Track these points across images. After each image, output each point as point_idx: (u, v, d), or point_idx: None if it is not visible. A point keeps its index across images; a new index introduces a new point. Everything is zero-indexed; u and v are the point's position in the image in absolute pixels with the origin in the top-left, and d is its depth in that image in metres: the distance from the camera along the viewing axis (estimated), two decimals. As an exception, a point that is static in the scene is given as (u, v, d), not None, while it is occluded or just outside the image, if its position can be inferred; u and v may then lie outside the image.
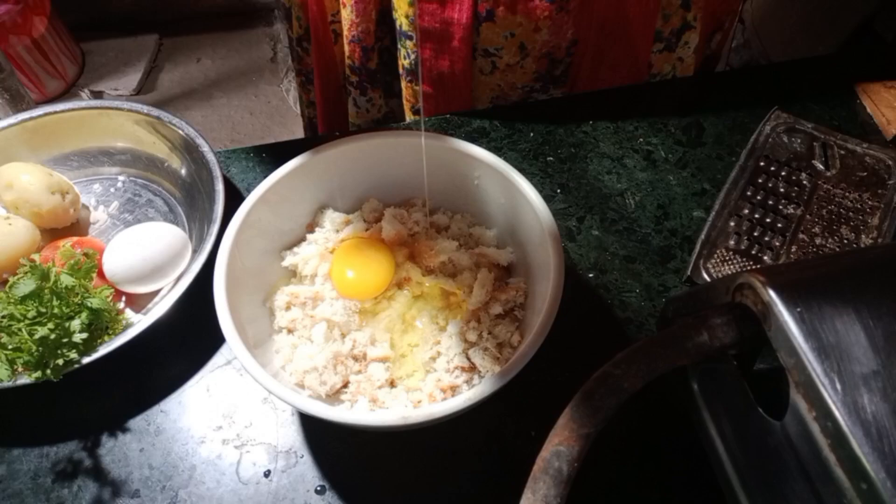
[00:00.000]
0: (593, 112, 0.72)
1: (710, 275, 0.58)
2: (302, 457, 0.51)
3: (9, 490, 0.50)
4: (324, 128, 0.91)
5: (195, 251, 0.59)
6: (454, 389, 0.49)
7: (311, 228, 0.57)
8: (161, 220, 0.65)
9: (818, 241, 0.60)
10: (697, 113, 0.72)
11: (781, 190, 0.63)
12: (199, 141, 0.64)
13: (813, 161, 0.65)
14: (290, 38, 0.85)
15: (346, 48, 0.74)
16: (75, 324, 0.50)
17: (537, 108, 0.73)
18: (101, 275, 0.57)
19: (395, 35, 0.71)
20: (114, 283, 0.57)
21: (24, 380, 0.49)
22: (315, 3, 0.74)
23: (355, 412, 0.48)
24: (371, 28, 0.71)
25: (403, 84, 0.75)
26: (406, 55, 0.70)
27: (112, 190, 0.68)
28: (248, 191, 0.53)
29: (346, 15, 0.70)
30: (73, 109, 0.67)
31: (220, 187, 0.60)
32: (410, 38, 0.68)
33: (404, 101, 0.77)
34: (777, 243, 0.59)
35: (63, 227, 0.64)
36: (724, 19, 0.76)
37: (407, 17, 0.66)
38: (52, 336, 0.49)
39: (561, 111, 0.72)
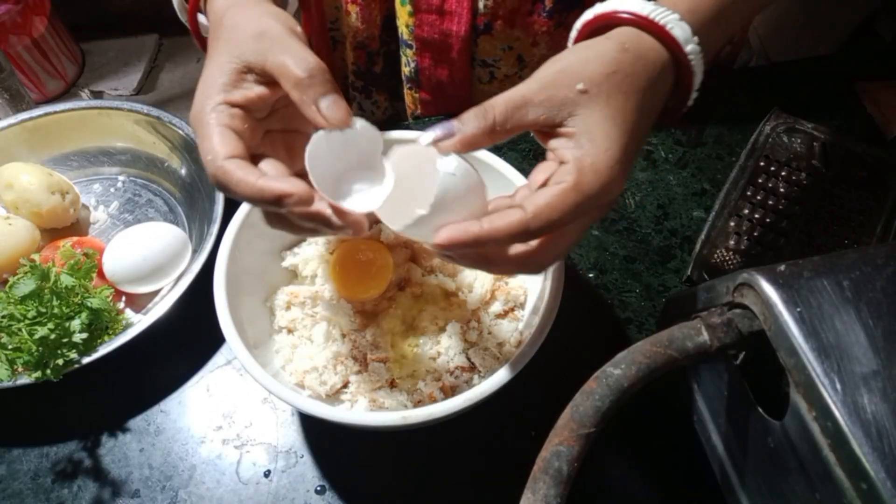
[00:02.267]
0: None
1: (710, 275, 0.58)
2: (302, 457, 0.51)
3: (9, 490, 0.50)
4: None
5: (195, 251, 0.59)
6: (454, 389, 0.49)
7: (311, 228, 0.57)
8: (161, 220, 0.65)
9: (818, 241, 0.60)
10: (697, 112, 0.72)
11: (781, 190, 0.63)
12: (199, 141, 0.63)
13: (813, 161, 0.65)
14: None
15: (351, 54, 0.74)
16: (75, 324, 0.50)
17: (537, 108, 0.73)
18: (101, 275, 0.57)
19: (399, 41, 0.71)
20: (114, 283, 0.57)
21: (24, 380, 0.49)
22: (316, 10, 0.74)
23: (355, 412, 0.48)
24: (376, 33, 0.71)
25: (405, 91, 0.75)
26: (407, 63, 0.71)
27: (112, 190, 0.68)
28: (248, 191, 0.53)
29: (352, 22, 0.70)
30: (73, 109, 0.67)
31: (220, 187, 0.60)
32: (411, 46, 0.68)
33: (407, 108, 0.77)
34: (777, 243, 0.59)
35: (63, 227, 0.64)
36: None
37: (407, 26, 0.66)
38: (52, 336, 0.49)
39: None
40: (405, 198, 0.36)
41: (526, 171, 0.58)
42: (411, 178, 0.37)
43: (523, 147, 0.69)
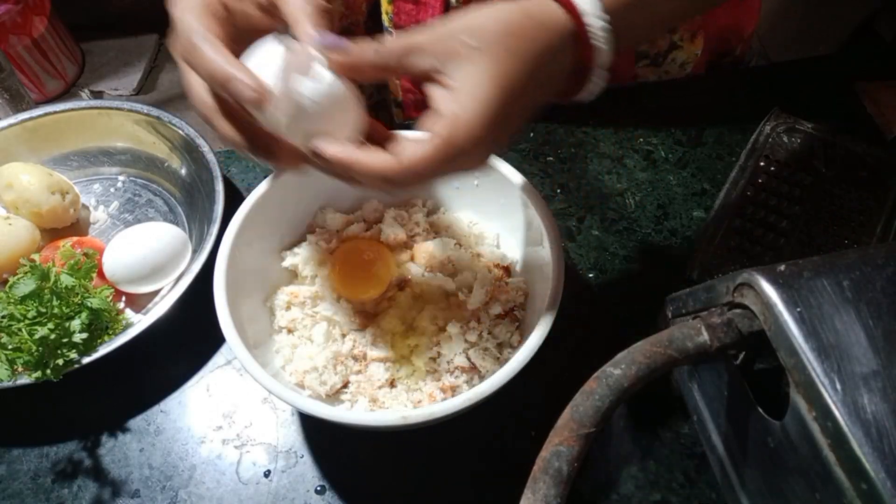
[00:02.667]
0: (593, 112, 0.72)
1: (710, 275, 0.58)
2: (302, 457, 0.51)
3: (9, 490, 0.50)
4: None
5: (195, 251, 0.59)
6: (454, 389, 0.49)
7: (311, 229, 0.57)
8: (161, 220, 0.65)
9: (818, 241, 0.60)
10: (697, 112, 0.72)
11: (781, 190, 0.63)
12: (199, 141, 0.64)
13: (813, 161, 0.65)
14: None
15: None
16: (75, 324, 0.50)
17: (537, 108, 0.73)
18: (101, 275, 0.57)
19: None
20: (114, 283, 0.57)
21: (24, 380, 0.49)
22: None
23: (355, 412, 0.48)
24: (360, 20, 0.72)
25: (388, 77, 0.76)
26: None
27: (112, 190, 0.68)
28: (248, 191, 0.53)
29: (336, 7, 0.71)
30: (73, 109, 0.67)
31: (220, 187, 0.60)
32: (391, 33, 0.69)
33: (390, 94, 0.78)
34: (777, 243, 0.59)
35: (63, 227, 0.64)
36: (734, 45, 0.75)
37: (387, 13, 0.67)
38: (52, 336, 0.49)
39: (561, 111, 0.72)
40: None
41: (526, 172, 0.58)
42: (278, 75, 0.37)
43: (523, 147, 0.69)
